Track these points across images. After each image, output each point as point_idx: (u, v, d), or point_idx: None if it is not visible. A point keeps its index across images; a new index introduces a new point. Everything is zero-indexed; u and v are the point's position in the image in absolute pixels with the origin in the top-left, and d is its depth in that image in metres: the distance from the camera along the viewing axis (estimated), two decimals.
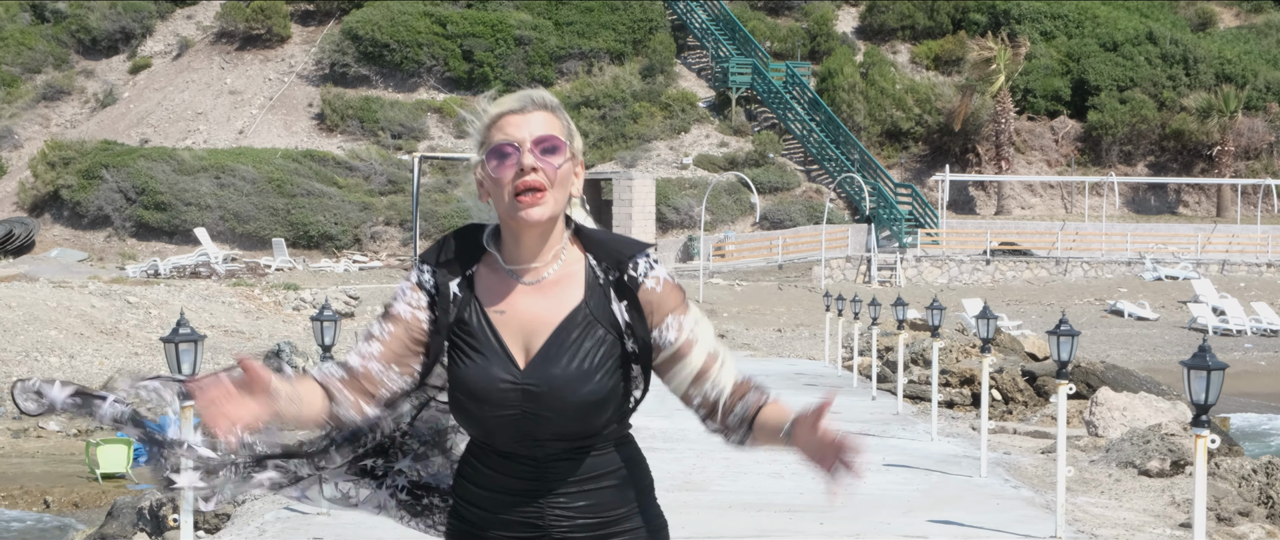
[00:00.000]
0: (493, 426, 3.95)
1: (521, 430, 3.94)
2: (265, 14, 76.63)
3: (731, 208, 67.33)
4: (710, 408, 4.04)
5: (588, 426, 3.96)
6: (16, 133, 75.50)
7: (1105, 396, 19.23)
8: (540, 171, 3.94)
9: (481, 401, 3.93)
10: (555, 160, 3.97)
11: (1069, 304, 55.80)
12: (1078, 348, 11.92)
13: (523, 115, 4.03)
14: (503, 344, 3.96)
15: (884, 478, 14.94)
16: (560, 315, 3.98)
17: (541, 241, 4.01)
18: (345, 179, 67.30)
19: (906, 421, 20.32)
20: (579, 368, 3.94)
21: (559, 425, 3.93)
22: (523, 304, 3.99)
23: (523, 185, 3.93)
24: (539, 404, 3.91)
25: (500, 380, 3.92)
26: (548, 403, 3.91)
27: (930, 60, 76.55)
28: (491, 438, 3.98)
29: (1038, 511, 13.06)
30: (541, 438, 3.95)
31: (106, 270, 56.63)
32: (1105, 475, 15.46)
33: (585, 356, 3.95)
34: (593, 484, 3.99)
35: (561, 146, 4.00)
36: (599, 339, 3.98)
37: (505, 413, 3.93)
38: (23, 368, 37.29)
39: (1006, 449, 17.95)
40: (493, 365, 3.94)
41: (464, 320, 3.98)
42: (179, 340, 8.65)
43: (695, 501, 13.15)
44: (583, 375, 3.94)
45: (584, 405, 3.93)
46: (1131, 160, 72.39)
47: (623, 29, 75.65)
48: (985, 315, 14.43)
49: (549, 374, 3.92)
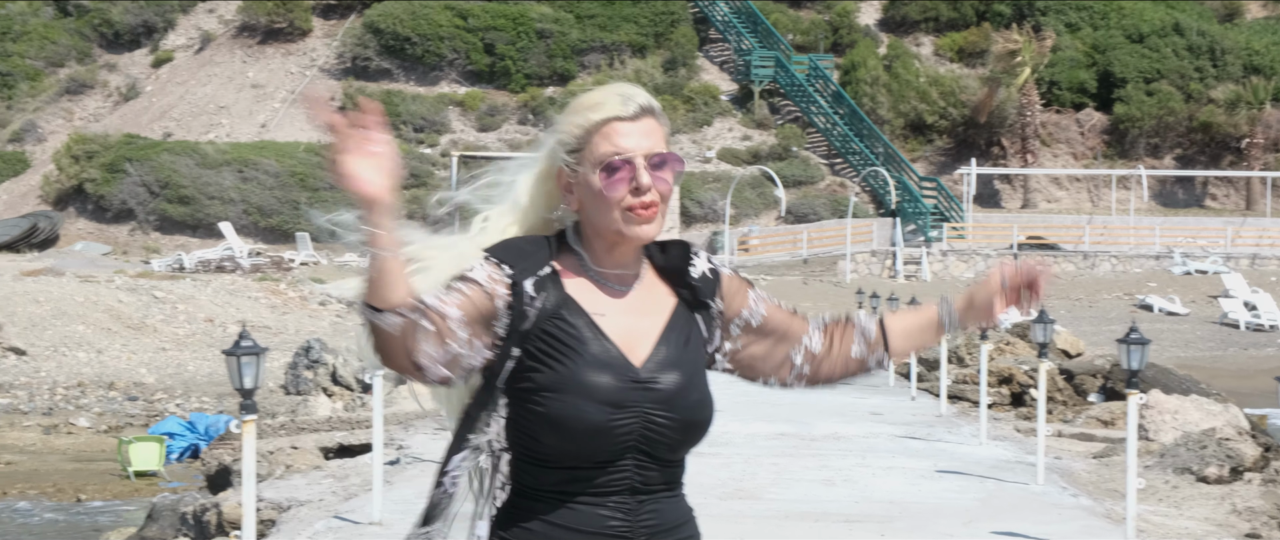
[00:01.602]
0: (603, 438, 3.61)
1: (639, 437, 3.63)
2: (287, 8, 76.55)
3: (755, 202, 67.12)
4: (814, 358, 3.91)
5: (697, 437, 3.72)
6: (40, 127, 75.48)
7: (1156, 399, 18.98)
8: (655, 189, 3.69)
9: (600, 403, 3.60)
10: (668, 176, 3.72)
11: (1097, 299, 55.54)
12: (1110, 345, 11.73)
13: (633, 123, 3.71)
14: (613, 343, 3.68)
15: (939, 485, 14.70)
16: (662, 317, 3.75)
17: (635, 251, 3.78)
18: None
19: (951, 424, 20.08)
20: (691, 368, 3.73)
21: (675, 432, 3.66)
22: (621, 306, 3.72)
23: (640, 204, 3.69)
24: (661, 403, 3.63)
25: (619, 378, 3.62)
26: (671, 402, 3.64)
27: (954, 52, 76.27)
28: (598, 456, 3.65)
29: (1100, 522, 12.82)
30: (655, 448, 3.65)
31: (130, 264, 56.54)
32: (1162, 482, 15.21)
33: (692, 359, 3.75)
34: (683, 533, 3.76)
35: (672, 160, 3.75)
36: (696, 344, 3.79)
37: (623, 417, 3.60)
38: (51, 362, 37.19)
39: (1057, 453, 17.70)
40: (607, 363, 3.64)
41: (562, 319, 3.66)
42: (241, 353, 8.44)
43: (748, 511, 12.90)
44: (698, 378, 3.73)
45: (701, 406, 3.71)
46: (1158, 153, 72.06)
47: (645, 22, 75.46)
48: (1042, 320, 14.17)
49: (668, 372, 3.67)
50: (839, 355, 3.92)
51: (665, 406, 3.65)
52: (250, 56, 76.88)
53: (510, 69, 73.55)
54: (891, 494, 14.09)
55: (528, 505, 3.69)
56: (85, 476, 25.30)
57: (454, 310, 3.56)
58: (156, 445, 25.59)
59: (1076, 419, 23.53)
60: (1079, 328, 42.87)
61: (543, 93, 72.70)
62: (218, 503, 14.24)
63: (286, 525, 12.77)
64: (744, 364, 3.89)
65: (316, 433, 19.40)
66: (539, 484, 3.67)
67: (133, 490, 24.12)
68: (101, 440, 29.35)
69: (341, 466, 16.00)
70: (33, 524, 21.64)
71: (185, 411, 32.15)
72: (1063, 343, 31.84)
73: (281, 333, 41.16)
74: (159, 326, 41.56)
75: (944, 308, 3.99)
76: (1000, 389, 26.37)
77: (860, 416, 20.64)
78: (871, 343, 3.93)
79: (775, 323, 3.88)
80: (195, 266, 56.80)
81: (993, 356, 28.21)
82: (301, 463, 16.47)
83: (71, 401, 33.90)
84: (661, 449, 3.66)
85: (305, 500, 13.73)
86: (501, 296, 3.64)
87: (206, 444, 26.15)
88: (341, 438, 18.66)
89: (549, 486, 3.67)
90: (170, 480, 24.82)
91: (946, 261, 62.64)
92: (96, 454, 27.69)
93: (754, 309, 3.85)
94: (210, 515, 14.06)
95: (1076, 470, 16.24)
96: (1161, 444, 17.39)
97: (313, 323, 44.12)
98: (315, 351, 29.90)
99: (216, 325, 42.48)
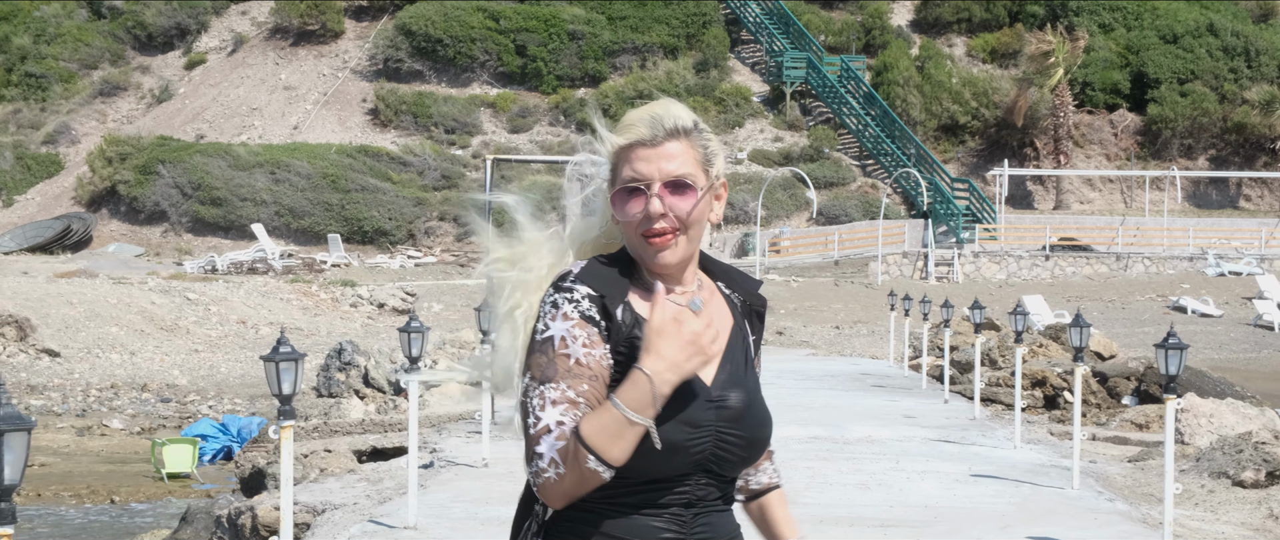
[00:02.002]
0: (680, 456, 3.59)
1: (710, 455, 3.63)
2: (319, 10, 76.70)
3: (786, 203, 67.03)
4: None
5: (759, 453, 3.72)
6: (74, 128, 75.74)
7: (1192, 403, 18.88)
8: (669, 216, 3.66)
9: (680, 421, 3.57)
10: (685, 203, 3.67)
11: (1130, 300, 55.33)
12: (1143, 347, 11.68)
13: (654, 148, 3.69)
14: None
15: (974, 489, 14.64)
16: (723, 334, 3.71)
17: (679, 273, 3.75)
18: (399, 174, 67.27)
19: (985, 427, 19.99)
20: (752, 384, 3.74)
21: (742, 450, 3.66)
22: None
23: (651, 231, 3.67)
24: (731, 421, 3.63)
25: (695, 397, 3.60)
26: (740, 420, 3.64)
27: (987, 53, 76.09)
28: (667, 470, 3.60)
29: (1136, 526, 12.75)
30: (722, 465, 3.65)
31: (163, 265, 56.70)
32: (1198, 486, 15.14)
33: (752, 376, 3.77)
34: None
35: (694, 186, 3.70)
36: (751, 361, 3.80)
37: (699, 436, 3.60)
38: (84, 364, 37.30)
39: (1091, 456, 17.62)
40: (686, 383, 3.60)
41: (638, 339, 3.62)
42: (279, 359, 8.44)
43: None
44: (758, 395, 3.74)
45: (764, 424, 3.72)
46: (1192, 154, 71.78)
47: (676, 23, 75.43)
48: (1079, 323, 14.11)
49: (734, 389, 3.67)
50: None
51: (735, 424, 3.65)
52: (282, 58, 77.04)
53: (542, 70, 73.59)
54: (926, 498, 14.04)
55: (579, 516, 3.65)
56: (118, 478, 25.36)
57: (598, 378, 3.59)
58: (189, 447, 25.63)
59: (1110, 422, 23.42)
60: (1112, 330, 42.74)
61: (574, 94, 72.71)
62: (252, 506, 14.24)
63: (321, 529, 12.76)
64: None
65: (349, 435, 19.40)
66: (592, 497, 3.63)
67: (166, 492, 24.17)
68: (134, 442, 29.41)
69: (375, 470, 16.00)
70: (68, 526, 21.70)
71: (218, 413, 32.23)
72: (1096, 345, 31.69)
73: (313, 335, 41.24)
74: (191, 328, 41.67)
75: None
76: (1034, 392, 26.27)
77: (894, 420, 20.58)
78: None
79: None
80: (227, 268, 56.94)
81: (1026, 359, 28.11)
82: (335, 466, 16.47)
83: (105, 403, 33.99)
84: (727, 466, 3.68)
85: (340, 504, 13.72)
86: (602, 350, 3.62)
87: (239, 446, 26.22)
88: (375, 441, 18.66)
89: (601, 498, 3.63)
90: (203, 482, 24.86)
91: (978, 263, 62.48)
92: (129, 456, 27.75)
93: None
94: (245, 518, 14.04)
95: (1112, 474, 16.16)
96: (1197, 448, 17.30)
97: (344, 324, 44.19)
98: (347, 353, 29.86)
99: (249, 327, 42.58)
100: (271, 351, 8.52)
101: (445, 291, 51.53)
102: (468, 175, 67.89)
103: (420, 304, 47.22)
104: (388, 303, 47.89)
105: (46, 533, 20.91)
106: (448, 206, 65.84)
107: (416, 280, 54.47)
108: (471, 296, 48.36)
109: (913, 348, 32.21)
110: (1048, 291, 55.05)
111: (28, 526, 20.69)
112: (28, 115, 76.86)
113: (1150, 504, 13.91)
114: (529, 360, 3.64)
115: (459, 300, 49.12)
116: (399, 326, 12.47)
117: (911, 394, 24.90)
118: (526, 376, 3.63)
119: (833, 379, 27.14)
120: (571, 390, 3.56)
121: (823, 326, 46.71)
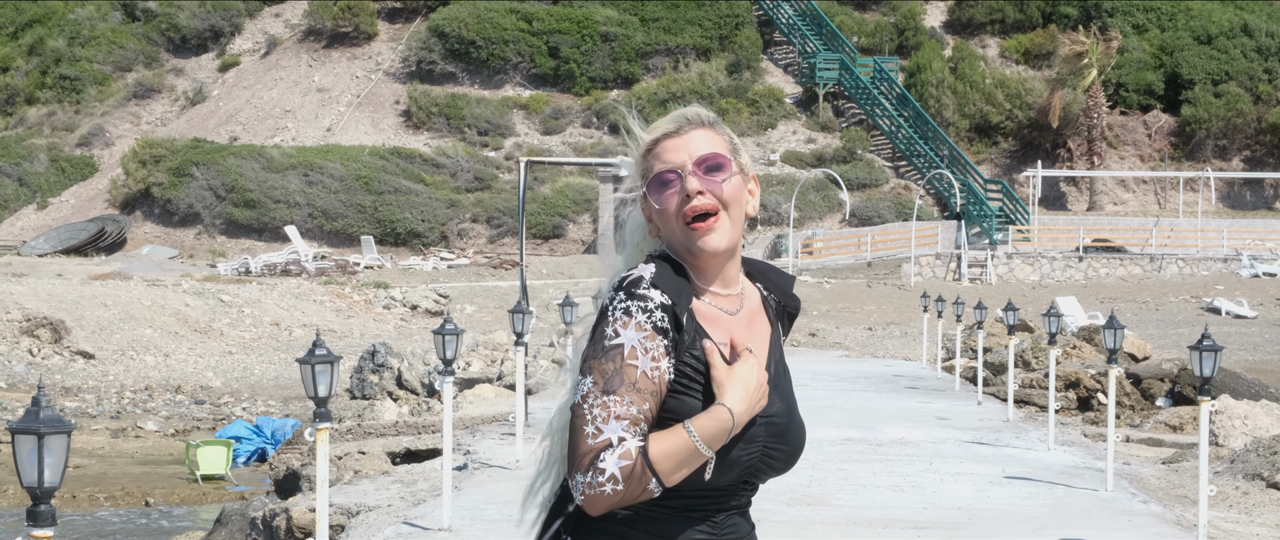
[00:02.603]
0: (733, 470, 3.64)
1: (756, 467, 3.69)
2: (352, 12, 76.88)
3: (819, 205, 66.97)
4: None
5: (795, 461, 3.77)
6: (108, 131, 76.05)
7: (1226, 404, 18.84)
8: (707, 193, 3.69)
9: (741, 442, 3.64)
10: (720, 177, 3.72)
11: (1164, 301, 55.19)
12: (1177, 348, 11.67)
13: (680, 137, 3.75)
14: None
15: (1007, 491, 14.64)
16: (764, 343, 3.78)
17: (729, 266, 3.77)
18: (432, 176, 67.40)
19: (1018, 429, 19.97)
20: (788, 391, 3.78)
21: (783, 462, 3.73)
22: (738, 336, 3.73)
23: (692, 211, 3.69)
24: (777, 436, 3.69)
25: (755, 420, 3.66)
26: (784, 434, 3.70)
27: (1020, 54, 75.92)
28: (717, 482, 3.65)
29: (1171, 528, 12.74)
30: (763, 476, 3.72)
31: (197, 267, 56.91)
32: (1232, 488, 15.10)
33: (788, 383, 3.81)
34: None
35: (726, 163, 3.74)
36: (785, 369, 3.83)
37: (750, 451, 3.65)
38: (119, 366, 37.45)
39: (1125, 458, 17.59)
40: None
41: (700, 349, 3.66)
42: (315, 362, 8.48)
43: (817, 517, 12.88)
44: (793, 402, 3.78)
45: (802, 434, 3.77)
46: (1226, 155, 71.54)
47: (709, 25, 75.42)
48: (1113, 324, 14.09)
49: (783, 405, 3.72)
50: None
51: (780, 439, 3.70)
52: (316, 60, 77.24)
53: (574, 72, 73.65)
54: (960, 500, 14.04)
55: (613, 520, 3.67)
56: (153, 480, 25.48)
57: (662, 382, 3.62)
58: (224, 449, 25.75)
59: (1144, 424, 23.38)
60: (1146, 331, 42.62)
61: (607, 96, 72.76)
62: (287, 508, 14.30)
63: (356, 530, 12.82)
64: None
65: (383, 437, 19.46)
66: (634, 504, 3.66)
67: (200, 494, 24.27)
68: (169, 444, 29.55)
69: (409, 471, 16.05)
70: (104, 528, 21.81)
71: (251, 415, 32.34)
72: (1129, 346, 31.59)
73: (346, 336, 41.35)
74: (225, 330, 41.81)
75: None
76: (1067, 394, 26.21)
77: (927, 422, 20.56)
78: None
79: None
80: (261, 270, 57.12)
81: (1060, 361, 28.05)
82: (369, 468, 16.52)
83: (139, 405, 34.14)
84: (767, 475, 3.74)
85: (374, 505, 13.78)
86: (666, 363, 3.63)
87: (273, 448, 26.31)
88: (408, 443, 18.71)
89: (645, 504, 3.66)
90: (237, 484, 24.96)
91: (1012, 264, 62.35)
92: (164, 457, 27.88)
93: None
94: (279, 520, 14.10)
95: (1146, 476, 16.14)
96: (1231, 450, 17.26)
97: (377, 326, 44.30)
98: (380, 355, 29.98)
99: (282, 329, 42.71)
100: (307, 354, 8.56)
101: (478, 293, 51.61)
102: (500, 177, 67.98)
103: (453, 306, 47.30)
104: (421, 304, 48.01)
105: (83, 536, 21.01)
106: (480, 208, 65.94)
107: (449, 282, 54.56)
108: (505, 298, 48.43)
109: (946, 349, 32.16)
110: (1081, 293, 54.92)
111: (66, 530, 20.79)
112: (62, 118, 77.19)
113: (1184, 506, 13.89)
114: (591, 363, 3.62)
115: (492, 302, 49.20)
116: (433, 329, 12.51)
117: (945, 396, 24.88)
118: (586, 379, 3.61)
119: (866, 381, 27.13)
120: (634, 407, 3.56)
121: (855, 328, 46.68)
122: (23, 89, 79.60)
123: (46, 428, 4.81)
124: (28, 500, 4.90)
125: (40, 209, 71.49)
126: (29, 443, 4.85)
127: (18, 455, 4.89)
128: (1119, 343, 13.90)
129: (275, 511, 14.55)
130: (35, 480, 4.87)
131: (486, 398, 24.70)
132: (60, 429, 4.85)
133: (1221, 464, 16.25)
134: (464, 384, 25.70)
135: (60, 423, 4.85)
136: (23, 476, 4.91)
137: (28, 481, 4.90)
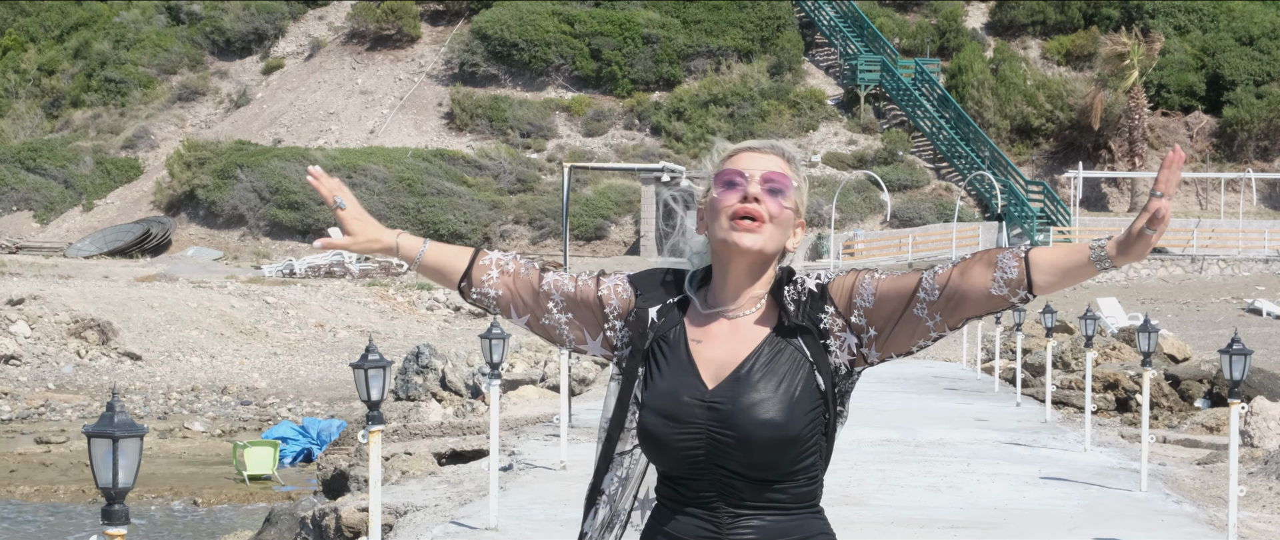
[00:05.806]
0: (678, 452, 3.93)
1: (707, 458, 3.92)
2: (396, 14, 77.24)
3: (860, 206, 67.09)
4: (938, 307, 3.95)
5: (774, 463, 3.91)
6: (153, 133, 76.56)
7: (1261, 406, 18.99)
8: (763, 204, 4.01)
9: (667, 418, 3.94)
10: (779, 200, 4.04)
11: (1205, 302, 55.14)
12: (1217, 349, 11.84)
13: (760, 154, 4.09)
14: (695, 363, 3.99)
15: (1042, 492, 14.84)
16: (752, 344, 4.01)
17: (748, 278, 4.06)
18: (475, 178, 67.72)
19: (1056, 430, 20.16)
20: (771, 390, 3.93)
21: (744, 456, 3.89)
22: (721, 332, 4.03)
23: (742, 211, 4.00)
24: (725, 424, 3.90)
25: (687, 395, 3.94)
26: (734, 423, 3.89)
27: (1061, 56, 75.83)
28: (676, 467, 3.96)
29: (1204, 528, 12.93)
30: (727, 462, 3.91)
31: (241, 269, 57.31)
32: (1266, 488, 15.28)
33: (780, 380, 3.95)
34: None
35: (788, 190, 4.07)
36: (795, 364, 3.98)
37: (689, 434, 3.92)
38: (165, 368, 37.84)
39: (1160, 459, 17.77)
40: (682, 381, 3.97)
41: (666, 338, 4.03)
42: (368, 366, 8.75)
43: (856, 517, 13.12)
44: (773, 400, 3.92)
45: (768, 429, 3.88)
46: (1268, 156, 71.37)
47: (750, 27, 75.53)
48: (1146, 327, 14.29)
49: (736, 393, 3.93)
50: (972, 297, 3.93)
51: (724, 424, 3.93)
52: (359, 63, 77.64)
53: (616, 74, 73.85)
54: (996, 500, 14.26)
55: (651, 523, 4.07)
56: (200, 480, 25.80)
57: (557, 293, 4.15)
58: (270, 449, 26.03)
59: (1182, 425, 23.53)
60: (1186, 332, 42.64)
61: (649, 98, 72.98)
62: (336, 508, 14.57)
63: (403, 530, 13.08)
64: (894, 343, 4.00)
65: (429, 438, 19.75)
66: (658, 493, 4.07)
67: (247, 494, 24.58)
68: (215, 444, 29.87)
69: (455, 472, 16.32)
70: (152, 524, 22.14)
71: (297, 416, 32.67)
72: (1169, 347, 31.74)
73: (390, 338, 41.65)
74: (270, 332, 42.16)
75: (1095, 247, 3.94)
76: (1105, 395, 26.37)
77: (965, 423, 20.77)
78: (1012, 282, 3.90)
79: (890, 293, 3.99)
80: (305, 272, 57.52)
81: (1098, 362, 28.21)
82: (416, 468, 16.81)
83: (186, 406, 34.52)
84: (734, 463, 3.93)
85: (421, 505, 14.05)
86: (614, 308, 4.11)
87: (319, 448, 26.61)
88: (453, 443, 18.99)
89: (664, 495, 4.05)
90: (284, 484, 25.26)
91: None
92: (211, 458, 28.20)
93: (863, 291, 4.01)
94: (329, 520, 14.37)
95: (1180, 477, 16.32)
96: (1266, 450, 17.43)
97: (421, 328, 44.61)
98: (425, 356, 30.24)
99: (327, 330, 43.05)
100: (360, 358, 8.83)
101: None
102: (543, 179, 68.26)
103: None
104: (464, 306, 48.30)
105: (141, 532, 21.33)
106: (522, 210, 66.25)
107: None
108: None
109: (985, 351, 32.33)
110: (1122, 294, 54.92)
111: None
112: (107, 120, 77.74)
113: (1217, 506, 14.07)
114: None
115: None
116: (480, 332, 12.76)
117: (984, 397, 25.07)
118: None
119: (906, 382, 27.32)
120: (575, 278, 4.20)
121: None
122: (68, 92, 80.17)
123: (121, 432, 5.10)
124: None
125: (86, 211, 72.03)
126: (104, 446, 5.13)
127: (93, 458, 5.18)
128: (1152, 346, 14.09)
129: (325, 511, 14.82)
130: (110, 481, 5.16)
131: (530, 399, 24.97)
132: (133, 432, 5.13)
133: (1255, 465, 16.42)
134: (508, 385, 25.97)
135: (133, 427, 5.13)
136: (98, 478, 5.20)
137: (103, 482, 5.18)
